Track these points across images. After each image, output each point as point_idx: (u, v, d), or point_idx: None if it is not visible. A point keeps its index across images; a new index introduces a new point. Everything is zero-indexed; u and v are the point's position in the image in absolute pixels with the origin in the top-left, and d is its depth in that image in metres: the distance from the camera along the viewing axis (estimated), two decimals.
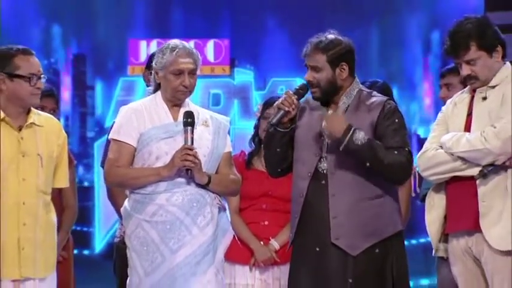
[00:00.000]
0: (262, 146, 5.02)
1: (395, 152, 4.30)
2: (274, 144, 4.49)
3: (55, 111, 5.25)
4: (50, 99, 5.19)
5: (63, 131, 4.53)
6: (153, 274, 4.34)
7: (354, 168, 4.35)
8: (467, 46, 4.29)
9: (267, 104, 5.19)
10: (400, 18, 9.58)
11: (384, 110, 4.36)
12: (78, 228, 7.27)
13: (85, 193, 9.04)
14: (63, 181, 4.52)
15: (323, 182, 4.38)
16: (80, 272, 5.66)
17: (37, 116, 4.39)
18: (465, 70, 4.33)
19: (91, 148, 9.50)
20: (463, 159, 4.26)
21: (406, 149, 4.33)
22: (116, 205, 5.02)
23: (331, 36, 4.43)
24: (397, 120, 4.36)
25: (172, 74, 4.42)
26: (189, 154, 4.31)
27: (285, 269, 5.00)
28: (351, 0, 9.52)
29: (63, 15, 9.57)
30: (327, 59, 4.39)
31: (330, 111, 4.35)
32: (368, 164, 4.28)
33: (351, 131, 4.26)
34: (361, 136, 4.27)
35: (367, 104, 4.39)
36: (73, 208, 5.30)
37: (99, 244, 9.48)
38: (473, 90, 4.37)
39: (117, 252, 5.28)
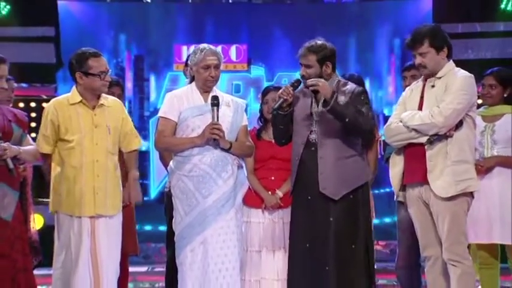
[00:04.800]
0: (267, 123, 5.02)
1: (363, 110, 4.30)
2: (278, 123, 4.47)
3: (121, 97, 5.23)
4: (117, 87, 5.17)
5: (124, 109, 4.52)
6: (190, 213, 4.35)
7: (335, 137, 4.34)
8: (421, 42, 4.28)
9: (264, 92, 5.14)
10: (371, 29, 9.53)
11: (354, 93, 4.36)
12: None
13: (143, 156, 9.06)
14: (134, 144, 4.48)
15: (313, 148, 4.37)
16: (139, 213, 5.64)
17: (105, 99, 4.41)
18: (418, 60, 4.32)
19: (147, 124, 9.56)
20: (416, 130, 4.24)
21: (370, 113, 4.34)
22: (166, 164, 4.98)
23: (319, 42, 4.40)
24: (362, 98, 4.37)
25: (202, 68, 4.40)
26: (215, 128, 4.31)
27: (287, 211, 4.98)
28: (336, 16, 9.50)
29: (127, 27, 9.58)
30: (316, 59, 4.36)
31: (320, 80, 4.28)
32: (347, 120, 4.25)
33: (335, 95, 4.24)
34: (342, 98, 4.27)
35: (343, 91, 4.38)
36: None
37: (153, 192, 9.49)
38: (425, 80, 4.34)
39: (167, 199, 5.24)
